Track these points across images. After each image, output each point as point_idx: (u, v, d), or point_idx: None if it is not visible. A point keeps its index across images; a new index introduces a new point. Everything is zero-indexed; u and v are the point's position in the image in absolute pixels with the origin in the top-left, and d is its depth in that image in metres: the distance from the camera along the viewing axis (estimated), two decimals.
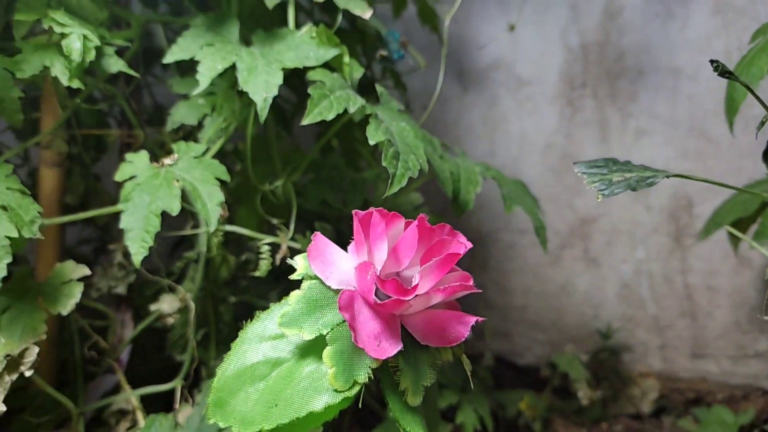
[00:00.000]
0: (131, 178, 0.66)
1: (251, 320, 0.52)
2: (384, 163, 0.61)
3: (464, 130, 1.27)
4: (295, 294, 0.49)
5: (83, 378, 0.79)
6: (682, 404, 1.13)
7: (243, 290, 0.91)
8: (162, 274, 0.83)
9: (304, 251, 0.51)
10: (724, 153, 1.13)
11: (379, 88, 0.74)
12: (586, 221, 1.23)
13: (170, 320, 0.77)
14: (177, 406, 0.76)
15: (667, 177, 0.53)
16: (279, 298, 0.52)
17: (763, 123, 0.51)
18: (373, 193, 0.94)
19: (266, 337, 0.51)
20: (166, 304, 0.77)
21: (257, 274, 0.71)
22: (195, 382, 0.80)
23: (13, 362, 0.59)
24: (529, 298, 1.28)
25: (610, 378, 1.12)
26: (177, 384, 0.77)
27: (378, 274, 0.49)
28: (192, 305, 0.76)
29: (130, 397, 0.77)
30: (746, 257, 1.12)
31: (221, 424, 0.49)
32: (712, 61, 0.49)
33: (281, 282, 0.93)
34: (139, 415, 0.78)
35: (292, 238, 0.77)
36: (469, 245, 0.52)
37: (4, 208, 0.59)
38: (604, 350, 1.15)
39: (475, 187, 0.74)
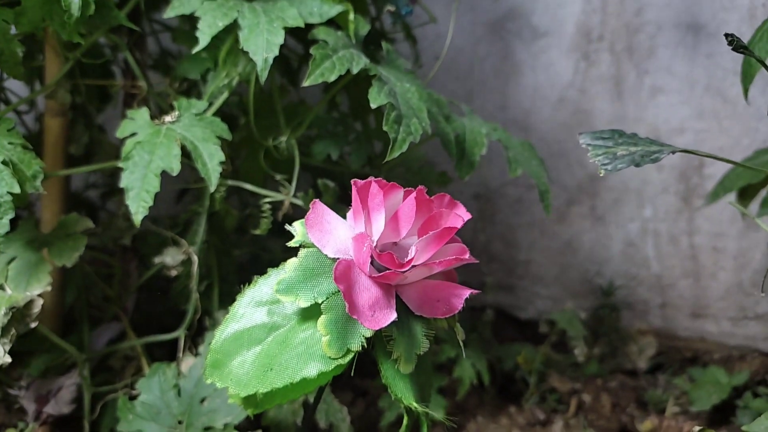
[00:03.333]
0: (132, 135, 0.65)
1: (249, 285, 0.52)
2: (385, 128, 0.61)
3: (476, 83, 1.25)
4: (292, 261, 0.49)
5: (89, 325, 0.81)
6: (678, 362, 1.14)
7: (247, 243, 0.92)
8: (166, 226, 0.84)
9: (306, 208, 0.51)
10: (740, 114, 1.11)
11: (385, 45, 0.72)
12: (594, 178, 1.22)
13: (174, 272, 0.78)
14: (180, 355, 0.78)
15: (673, 153, 0.52)
16: (282, 251, 0.52)
17: None
18: (380, 149, 0.93)
19: (263, 302, 0.51)
20: (170, 257, 0.78)
21: (257, 232, 0.72)
22: (198, 332, 0.82)
23: (19, 314, 0.61)
24: (534, 253, 1.28)
25: (608, 335, 1.13)
26: (180, 334, 0.79)
27: (375, 244, 0.49)
28: (195, 258, 0.77)
29: (135, 345, 0.80)
30: (754, 221, 1.11)
31: (218, 385, 0.51)
32: (726, 35, 0.47)
33: (285, 235, 0.94)
34: (144, 362, 0.80)
35: (295, 195, 0.77)
36: (468, 216, 0.52)
37: (6, 164, 0.59)
38: (605, 307, 1.16)
39: (480, 148, 0.73)
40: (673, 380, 1.06)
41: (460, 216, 0.49)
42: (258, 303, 0.51)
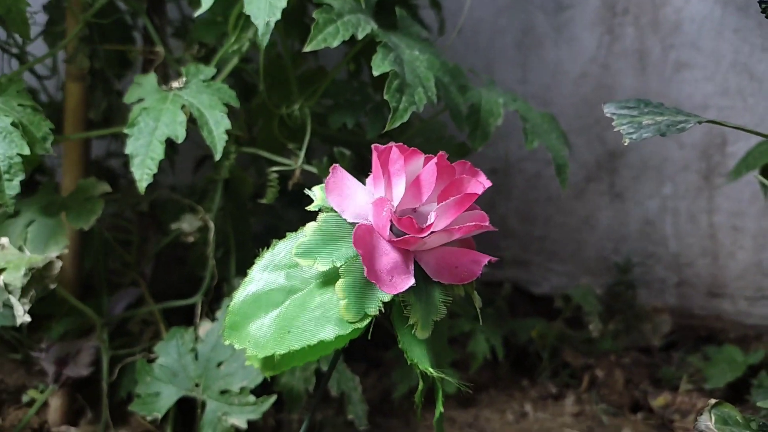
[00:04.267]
0: (139, 101, 0.65)
1: (267, 248, 0.52)
2: (386, 96, 0.60)
3: (496, 55, 1.23)
4: (311, 225, 0.49)
5: (108, 290, 0.82)
6: (693, 341, 1.14)
7: (264, 212, 0.92)
8: (184, 194, 0.84)
9: (321, 176, 0.51)
10: (766, 91, 1.08)
11: (399, 11, 0.71)
12: (614, 155, 1.20)
13: (191, 239, 0.79)
14: (197, 320, 0.79)
15: (699, 123, 0.51)
16: (298, 219, 0.52)
17: None
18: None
19: (282, 266, 0.51)
20: (186, 223, 0.78)
21: (264, 201, 0.72)
22: (215, 298, 0.83)
23: (38, 275, 0.61)
24: (551, 229, 1.27)
25: (623, 311, 1.13)
26: (197, 300, 0.80)
27: (394, 210, 0.49)
28: (211, 225, 0.77)
29: (153, 310, 0.80)
30: None
31: (236, 346, 0.51)
32: (761, 2, 0.46)
33: (302, 205, 0.94)
34: (162, 327, 0.81)
35: (309, 163, 0.77)
36: (488, 184, 0.51)
37: (15, 125, 0.59)
38: (621, 284, 1.15)
39: (496, 119, 0.72)
40: (687, 358, 1.06)
41: (481, 183, 0.49)
42: (276, 266, 0.51)
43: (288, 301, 0.50)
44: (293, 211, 0.98)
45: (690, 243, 1.18)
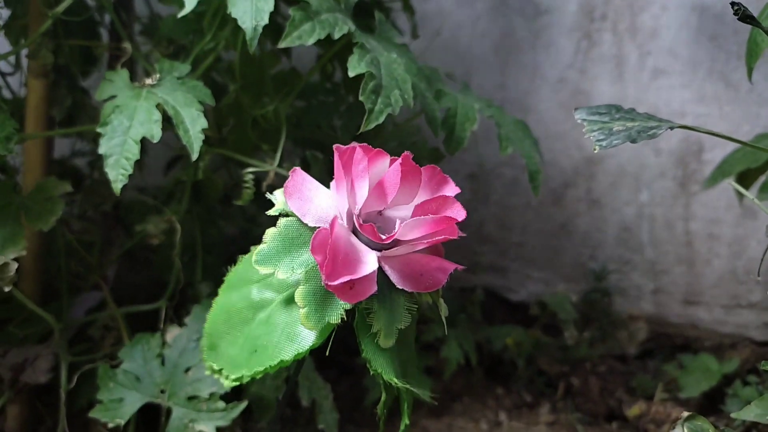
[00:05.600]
0: (111, 98, 0.63)
1: (234, 264, 0.51)
2: (361, 97, 0.58)
3: (474, 60, 1.22)
4: (270, 231, 0.48)
5: (69, 293, 0.79)
6: (669, 349, 1.13)
7: (236, 215, 0.90)
8: (151, 195, 0.81)
9: None
10: (742, 99, 1.08)
11: (378, 15, 0.69)
12: (592, 161, 1.20)
13: (156, 241, 0.76)
14: (162, 325, 0.77)
15: (671, 128, 0.50)
16: (273, 223, 0.51)
17: None
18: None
19: (251, 281, 0.50)
20: (152, 225, 0.76)
21: (239, 202, 0.70)
22: (181, 303, 0.81)
23: None
24: (528, 235, 1.26)
25: (599, 319, 1.12)
26: (162, 304, 0.77)
27: (358, 213, 0.47)
28: (178, 227, 0.75)
29: (115, 314, 0.78)
30: (751, 207, 1.09)
31: (215, 366, 0.50)
32: (733, 4, 0.45)
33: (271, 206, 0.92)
34: (124, 332, 0.79)
35: (283, 166, 0.75)
36: (457, 191, 0.50)
37: None
38: (597, 291, 1.15)
39: (472, 124, 0.71)
40: (663, 366, 1.05)
41: (462, 209, 0.47)
42: (245, 281, 0.50)
43: (256, 318, 0.49)
44: (267, 216, 0.96)
45: (666, 250, 1.18)
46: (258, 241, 0.50)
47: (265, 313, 0.48)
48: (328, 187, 0.51)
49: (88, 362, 0.77)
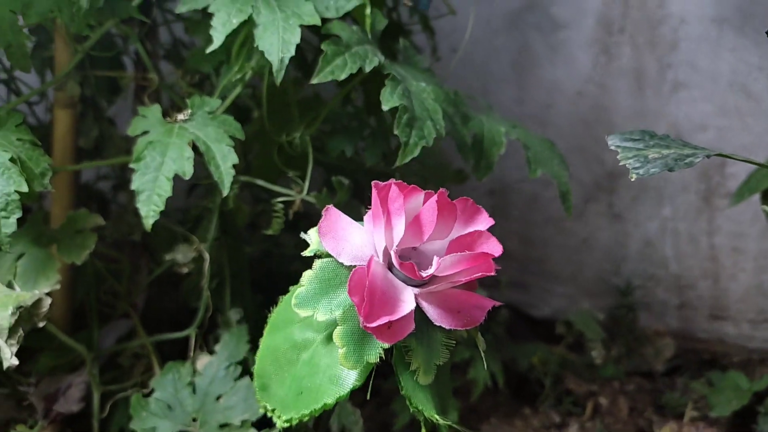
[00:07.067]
0: (144, 133, 0.63)
1: (275, 305, 0.52)
2: (396, 131, 0.58)
3: (492, 76, 1.22)
4: (307, 274, 0.47)
5: (99, 321, 0.80)
6: (696, 365, 1.12)
7: (258, 239, 0.90)
8: (176, 221, 0.82)
9: (319, 207, 0.50)
10: (764, 110, 1.08)
11: (402, 42, 0.70)
12: (613, 175, 1.19)
13: (185, 269, 0.77)
14: (191, 353, 0.77)
15: (708, 157, 0.50)
16: (293, 244, 0.51)
17: None
18: (396, 144, 0.91)
19: (292, 321, 0.50)
20: (181, 254, 0.76)
21: (269, 232, 0.70)
22: (210, 330, 0.81)
23: (26, 313, 0.59)
24: (549, 251, 1.26)
25: (625, 335, 1.11)
26: (191, 332, 0.78)
27: (395, 249, 0.47)
28: (206, 255, 0.75)
29: (145, 342, 0.78)
30: None
31: (268, 407, 0.50)
32: None
33: (297, 231, 0.92)
34: (154, 360, 0.79)
35: (309, 192, 0.75)
36: (491, 223, 0.50)
37: (14, 161, 0.57)
38: (622, 307, 1.14)
39: (499, 148, 0.71)
40: (691, 383, 1.04)
41: (498, 244, 0.46)
42: (287, 322, 0.51)
43: (301, 359, 0.49)
44: (288, 236, 0.96)
45: (690, 265, 1.17)
46: (280, 261, 0.50)
47: (308, 354, 0.48)
48: (356, 211, 0.51)
49: (119, 391, 0.77)
